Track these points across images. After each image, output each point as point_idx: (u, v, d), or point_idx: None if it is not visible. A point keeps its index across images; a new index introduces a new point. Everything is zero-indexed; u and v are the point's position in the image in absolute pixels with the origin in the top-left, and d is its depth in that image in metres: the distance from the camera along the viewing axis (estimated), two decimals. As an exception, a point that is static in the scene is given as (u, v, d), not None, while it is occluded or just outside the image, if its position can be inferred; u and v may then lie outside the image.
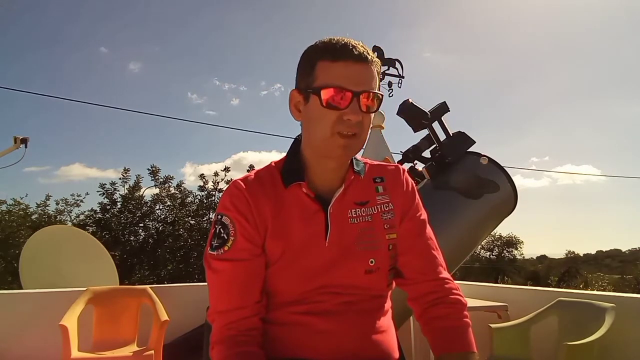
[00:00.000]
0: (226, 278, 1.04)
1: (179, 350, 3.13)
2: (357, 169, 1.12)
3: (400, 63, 4.63)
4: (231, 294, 1.04)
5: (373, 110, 1.03)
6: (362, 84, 1.00)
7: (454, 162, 2.95)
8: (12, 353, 3.04)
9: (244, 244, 1.04)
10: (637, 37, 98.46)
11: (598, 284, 22.89)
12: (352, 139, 1.02)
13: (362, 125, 1.02)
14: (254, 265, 1.05)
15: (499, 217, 3.06)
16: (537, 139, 77.17)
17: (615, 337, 2.46)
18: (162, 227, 16.69)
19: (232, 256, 1.03)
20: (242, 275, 1.04)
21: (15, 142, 5.77)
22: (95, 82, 36.07)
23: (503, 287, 4.43)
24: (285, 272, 1.06)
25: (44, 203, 17.69)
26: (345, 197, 1.10)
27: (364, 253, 1.08)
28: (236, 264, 1.03)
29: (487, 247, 32.71)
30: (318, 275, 1.06)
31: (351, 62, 0.99)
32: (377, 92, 1.03)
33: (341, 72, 0.99)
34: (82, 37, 38.00)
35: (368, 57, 1.01)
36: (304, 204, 1.07)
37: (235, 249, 1.04)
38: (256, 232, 1.05)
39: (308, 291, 1.06)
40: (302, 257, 1.05)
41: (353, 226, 1.08)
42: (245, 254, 1.04)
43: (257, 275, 1.05)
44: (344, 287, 1.07)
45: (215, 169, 21.17)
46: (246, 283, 1.04)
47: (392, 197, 1.14)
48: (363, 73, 1.01)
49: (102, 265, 5.08)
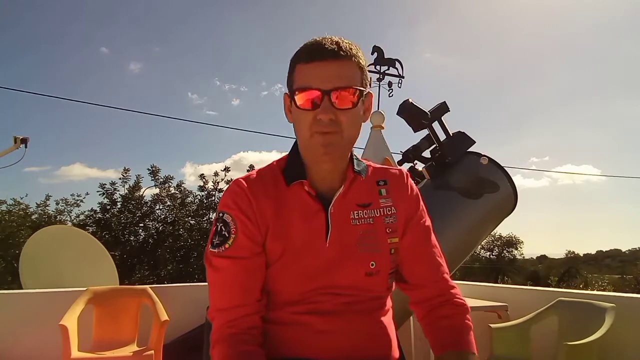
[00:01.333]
0: (227, 275, 1.04)
1: (179, 350, 3.13)
2: (357, 168, 1.11)
3: (400, 63, 4.64)
4: (232, 292, 1.04)
5: (350, 105, 1.01)
6: (333, 81, 0.99)
7: (454, 162, 2.95)
8: (12, 353, 3.04)
9: (245, 242, 1.04)
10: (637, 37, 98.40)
11: (598, 284, 22.89)
12: (330, 136, 1.00)
13: (338, 123, 1.00)
14: (254, 263, 1.05)
15: (499, 217, 3.06)
16: (537, 139, 77.31)
17: (615, 337, 2.46)
18: (162, 227, 16.68)
19: (233, 254, 1.04)
20: (243, 273, 1.04)
21: (15, 142, 5.76)
22: (95, 82, 36.19)
23: (503, 287, 4.43)
24: (286, 272, 1.06)
25: (44, 203, 17.69)
26: (347, 198, 1.09)
27: (365, 255, 1.08)
28: (237, 262, 1.03)
29: (487, 247, 32.70)
30: (318, 276, 1.06)
31: (323, 61, 0.99)
32: (354, 87, 1.00)
33: (313, 73, 1.00)
34: (82, 37, 38.10)
35: (341, 53, 0.99)
36: (306, 203, 1.07)
37: (236, 246, 1.04)
38: (257, 230, 1.05)
39: (308, 291, 1.06)
40: (302, 256, 1.05)
41: (355, 227, 1.08)
42: (246, 252, 1.04)
43: (257, 273, 1.05)
44: (344, 288, 1.07)
45: (216, 169, 21.16)
46: (247, 281, 1.04)
47: (395, 201, 1.13)
48: (334, 70, 0.99)
49: (102, 265, 5.07)
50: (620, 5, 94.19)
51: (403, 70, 4.64)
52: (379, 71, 4.57)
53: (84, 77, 37.29)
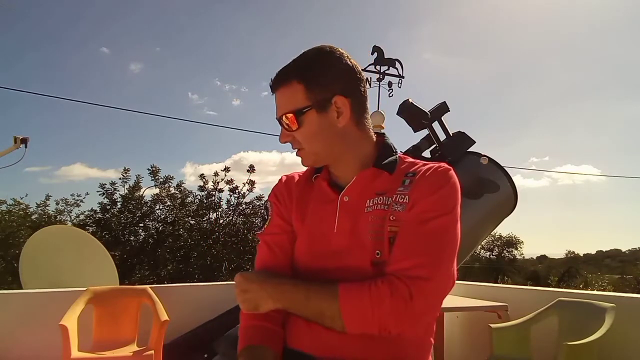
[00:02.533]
0: (262, 251, 1.20)
1: (179, 350, 3.13)
2: (383, 163, 1.13)
3: (400, 63, 4.65)
4: (263, 260, 1.19)
5: (295, 128, 1.11)
6: (280, 109, 1.13)
7: (454, 162, 2.94)
8: (11, 353, 3.04)
9: (278, 221, 1.20)
10: (636, 37, 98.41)
11: (598, 284, 22.88)
12: (299, 152, 1.16)
13: (297, 142, 1.13)
14: (282, 238, 1.19)
15: (499, 217, 3.06)
16: (537, 139, 77.32)
17: (615, 337, 2.45)
18: (162, 227, 16.66)
19: (269, 231, 1.21)
20: (273, 245, 1.18)
21: (15, 142, 5.77)
22: (96, 82, 36.06)
23: (503, 287, 4.42)
24: (300, 249, 1.16)
25: (44, 203, 17.65)
26: (368, 188, 1.12)
27: (372, 243, 1.06)
28: (270, 237, 1.20)
29: (487, 247, 32.70)
30: (326, 258, 1.10)
31: (274, 93, 1.14)
32: (288, 112, 1.10)
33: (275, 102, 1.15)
34: (83, 38, 38.08)
35: (280, 80, 1.11)
36: (324, 193, 1.17)
37: (272, 225, 1.21)
38: (286, 211, 1.21)
39: (318, 270, 1.10)
40: (313, 238, 1.14)
41: (366, 215, 1.09)
42: (277, 229, 1.20)
43: (285, 246, 1.18)
44: (350, 274, 1.05)
45: (216, 169, 21.12)
46: (275, 251, 1.18)
47: (413, 192, 1.06)
48: (278, 99, 1.13)
49: (102, 265, 5.07)
50: (620, 5, 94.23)
51: (403, 70, 4.66)
52: (379, 71, 4.58)
53: (85, 77, 37.16)
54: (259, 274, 1.13)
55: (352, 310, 0.98)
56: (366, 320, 0.98)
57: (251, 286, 1.06)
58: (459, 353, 3.61)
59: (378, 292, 0.97)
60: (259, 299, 1.05)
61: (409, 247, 1.01)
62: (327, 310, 1.00)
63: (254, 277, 1.09)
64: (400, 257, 1.01)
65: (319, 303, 1.02)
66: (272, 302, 1.05)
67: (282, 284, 1.06)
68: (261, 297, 1.05)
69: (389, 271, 1.01)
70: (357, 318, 0.99)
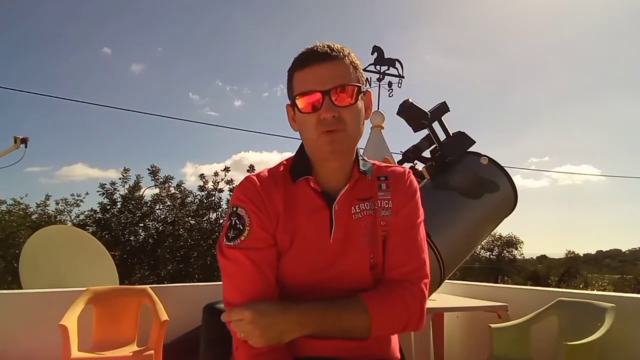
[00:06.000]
0: (244, 267, 1.05)
1: (179, 350, 3.13)
2: (363, 168, 1.14)
3: (400, 63, 4.63)
4: (250, 283, 1.05)
5: (351, 102, 1.05)
6: (330, 81, 1.04)
7: (454, 162, 2.94)
8: (12, 353, 3.04)
9: (260, 234, 1.07)
10: (636, 37, 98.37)
11: (598, 284, 22.88)
12: (335, 134, 1.04)
13: (342, 120, 1.05)
14: (269, 254, 1.07)
15: (499, 217, 3.05)
16: (536, 139, 77.35)
17: (615, 337, 2.46)
18: (162, 227, 16.67)
19: (249, 245, 1.06)
20: (260, 264, 1.05)
21: (15, 142, 5.77)
22: (97, 83, 36.13)
23: (503, 287, 4.42)
24: (292, 265, 1.08)
25: (44, 203, 17.67)
26: (350, 195, 1.12)
27: (367, 248, 1.10)
28: (253, 253, 1.05)
29: (487, 247, 32.67)
30: (323, 270, 1.08)
31: (316, 64, 1.05)
32: (352, 84, 1.05)
33: (309, 77, 1.05)
34: (84, 38, 38.09)
35: (333, 54, 1.05)
36: (311, 200, 1.10)
37: (252, 238, 1.06)
38: (269, 222, 1.08)
39: (312, 284, 1.07)
40: (308, 251, 1.08)
41: (356, 221, 1.10)
42: (261, 243, 1.07)
43: (272, 264, 1.07)
44: (349, 283, 1.08)
45: (216, 169, 21.16)
46: (264, 272, 1.06)
47: (393, 195, 1.14)
48: (329, 71, 1.05)
49: (102, 265, 5.07)
50: (620, 5, 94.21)
51: (403, 70, 4.64)
52: (379, 71, 4.57)
53: (86, 77, 37.30)
54: (270, 304, 1.01)
55: (383, 319, 1.04)
56: (394, 325, 1.07)
57: (274, 319, 0.98)
58: (459, 353, 3.61)
59: (400, 298, 1.05)
60: (284, 332, 0.99)
61: (407, 252, 1.11)
62: (360, 324, 1.03)
63: (270, 309, 0.99)
64: (402, 261, 1.10)
65: (351, 320, 1.03)
66: (299, 330, 1.00)
67: (310, 310, 1.01)
68: (286, 329, 0.99)
69: (398, 276, 1.09)
70: (386, 325, 1.06)
